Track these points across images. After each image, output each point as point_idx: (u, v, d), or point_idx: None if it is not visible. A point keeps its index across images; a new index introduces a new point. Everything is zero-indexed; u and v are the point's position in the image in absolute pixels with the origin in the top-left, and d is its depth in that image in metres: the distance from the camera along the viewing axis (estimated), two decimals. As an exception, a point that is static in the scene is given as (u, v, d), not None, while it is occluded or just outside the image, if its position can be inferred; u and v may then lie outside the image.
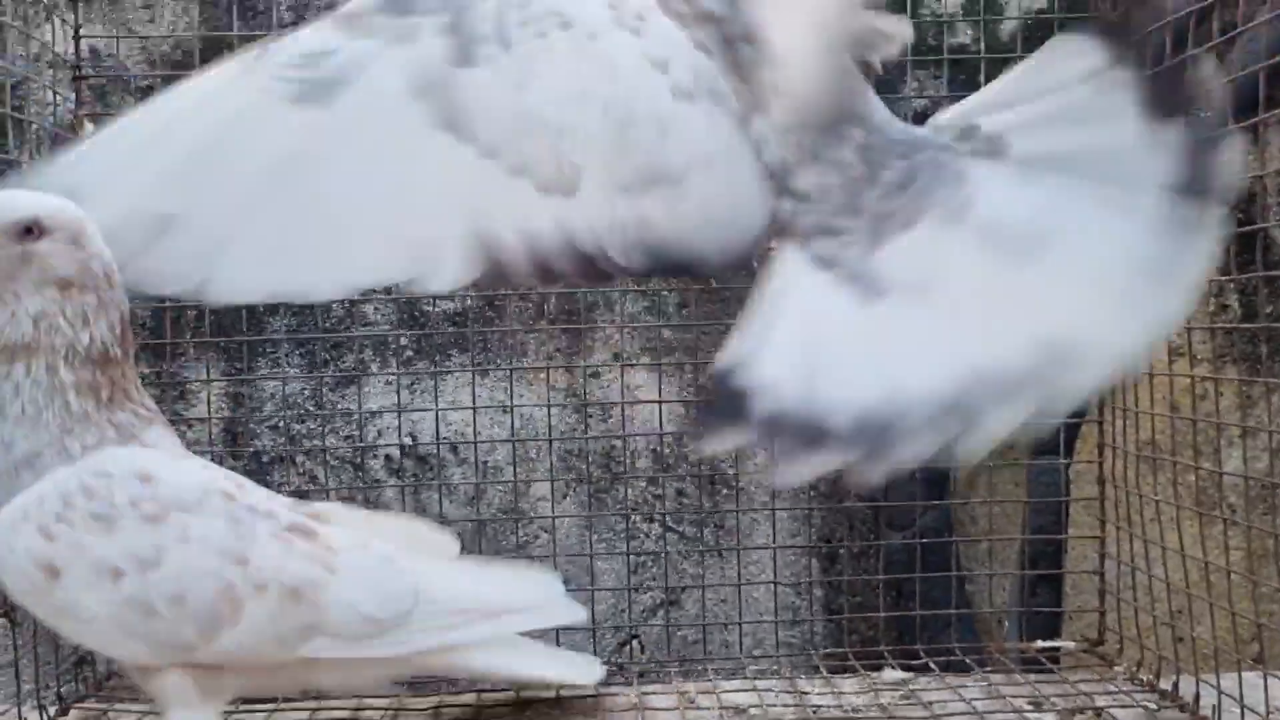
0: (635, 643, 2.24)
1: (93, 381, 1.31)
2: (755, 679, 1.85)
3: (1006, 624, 2.17)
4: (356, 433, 2.29)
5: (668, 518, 2.31)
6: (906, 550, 2.09)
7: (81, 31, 2.05)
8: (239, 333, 2.19)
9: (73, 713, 1.76)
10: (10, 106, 2.03)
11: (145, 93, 2.26)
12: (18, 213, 1.27)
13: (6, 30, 2.13)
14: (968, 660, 1.89)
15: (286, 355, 2.29)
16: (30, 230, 1.27)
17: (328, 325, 2.28)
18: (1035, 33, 2.28)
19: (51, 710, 1.71)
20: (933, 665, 1.86)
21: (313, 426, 2.28)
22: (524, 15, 1.36)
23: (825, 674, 1.89)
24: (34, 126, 2.07)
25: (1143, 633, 1.81)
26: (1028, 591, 2.14)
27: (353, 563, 1.42)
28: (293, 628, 1.36)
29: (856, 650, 1.95)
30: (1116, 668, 1.87)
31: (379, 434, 2.28)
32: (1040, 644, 1.96)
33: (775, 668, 1.97)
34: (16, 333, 1.28)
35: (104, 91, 2.28)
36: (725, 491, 2.30)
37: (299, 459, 2.24)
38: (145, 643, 1.29)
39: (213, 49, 2.22)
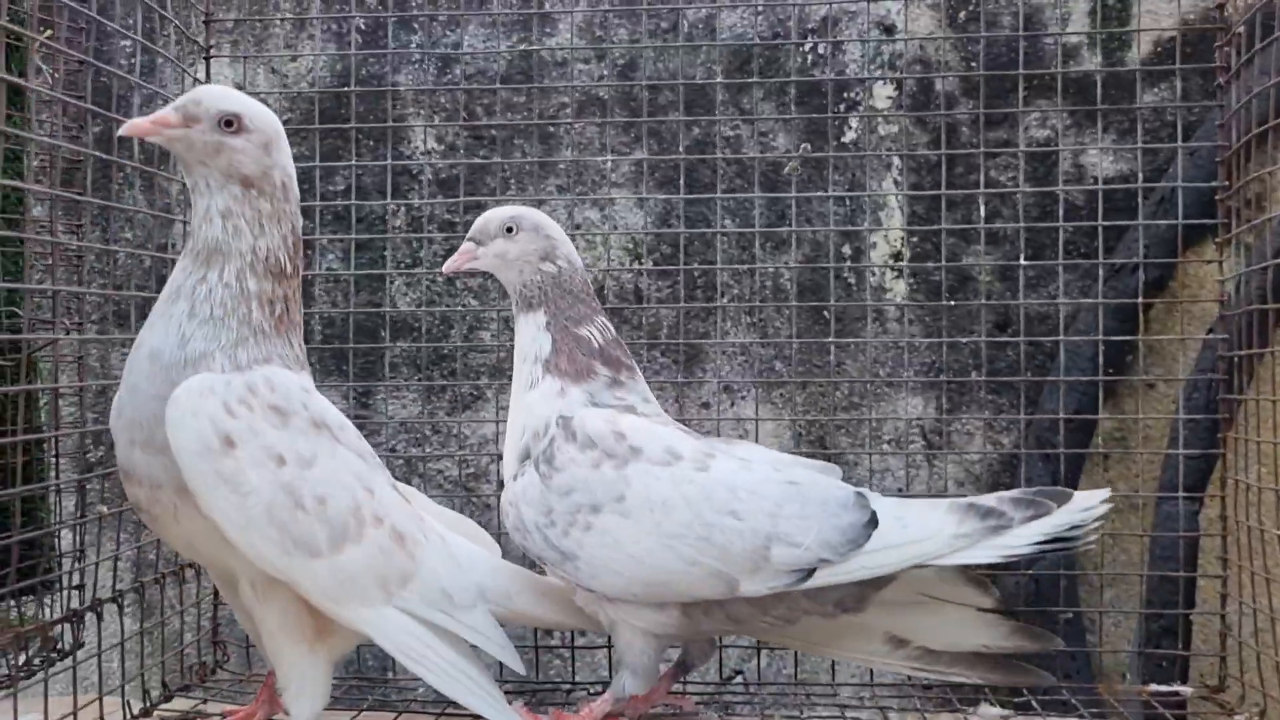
0: (740, 677, 2.21)
1: (271, 295, 1.43)
2: (844, 710, 1.81)
3: (1128, 668, 2.07)
4: (470, 457, 2.34)
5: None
6: (1020, 585, 2.02)
7: (214, 67, 2.18)
8: (360, 356, 2.27)
9: (175, 700, 1.83)
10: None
11: (286, 124, 2.37)
12: (224, 104, 1.40)
13: (160, 69, 2.26)
14: (1074, 701, 1.80)
15: (405, 381, 2.35)
16: (230, 123, 1.39)
17: (444, 352, 2.34)
18: (1161, 60, 2.23)
19: (154, 696, 1.78)
20: (1035, 704, 1.78)
21: (428, 450, 2.34)
22: None
23: (919, 708, 1.83)
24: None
25: (1266, 680, 1.71)
26: (1152, 633, 2.04)
27: (435, 539, 1.54)
28: (394, 570, 1.44)
29: (956, 685, 1.88)
30: (1237, 716, 1.76)
31: (491, 461, 2.32)
32: (1154, 688, 1.86)
33: (871, 699, 1.91)
34: (210, 232, 1.40)
35: (245, 126, 2.39)
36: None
37: (414, 481, 2.29)
38: (282, 536, 1.36)
39: (345, 83, 2.34)
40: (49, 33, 1.88)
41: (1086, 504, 1.50)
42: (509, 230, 1.69)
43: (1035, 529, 1.48)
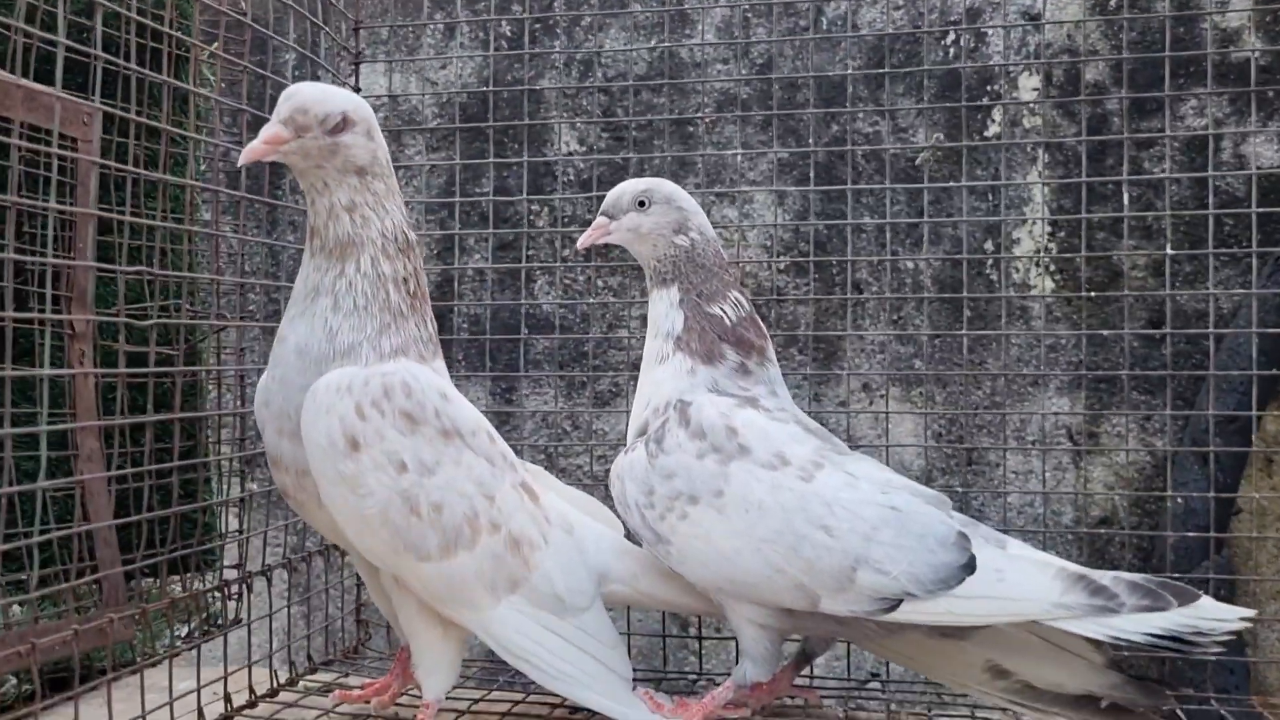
0: (875, 680, 2.17)
1: (404, 273, 1.48)
2: (975, 710, 1.76)
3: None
4: (609, 452, 2.37)
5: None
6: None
7: (365, 76, 2.29)
8: (503, 352, 2.34)
9: (319, 673, 1.92)
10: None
11: (434, 133, 2.47)
12: (329, 106, 1.43)
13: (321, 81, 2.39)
14: (1224, 713, 1.71)
15: (548, 378, 2.41)
16: (338, 124, 1.42)
17: (584, 350, 2.38)
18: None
19: (300, 668, 1.88)
20: (1180, 713, 1.70)
21: (569, 445, 2.38)
22: None
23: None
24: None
25: None
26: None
27: (559, 541, 1.55)
28: (504, 576, 1.47)
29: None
30: None
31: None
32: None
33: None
34: (339, 228, 1.45)
35: (398, 133, 2.50)
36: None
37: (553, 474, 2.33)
38: (394, 538, 1.41)
39: (491, 88, 2.41)
40: (216, 45, 2.01)
41: (1216, 614, 1.37)
42: (641, 204, 1.68)
43: (1147, 621, 1.37)
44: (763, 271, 2.33)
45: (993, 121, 2.27)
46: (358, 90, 2.24)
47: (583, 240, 1.72)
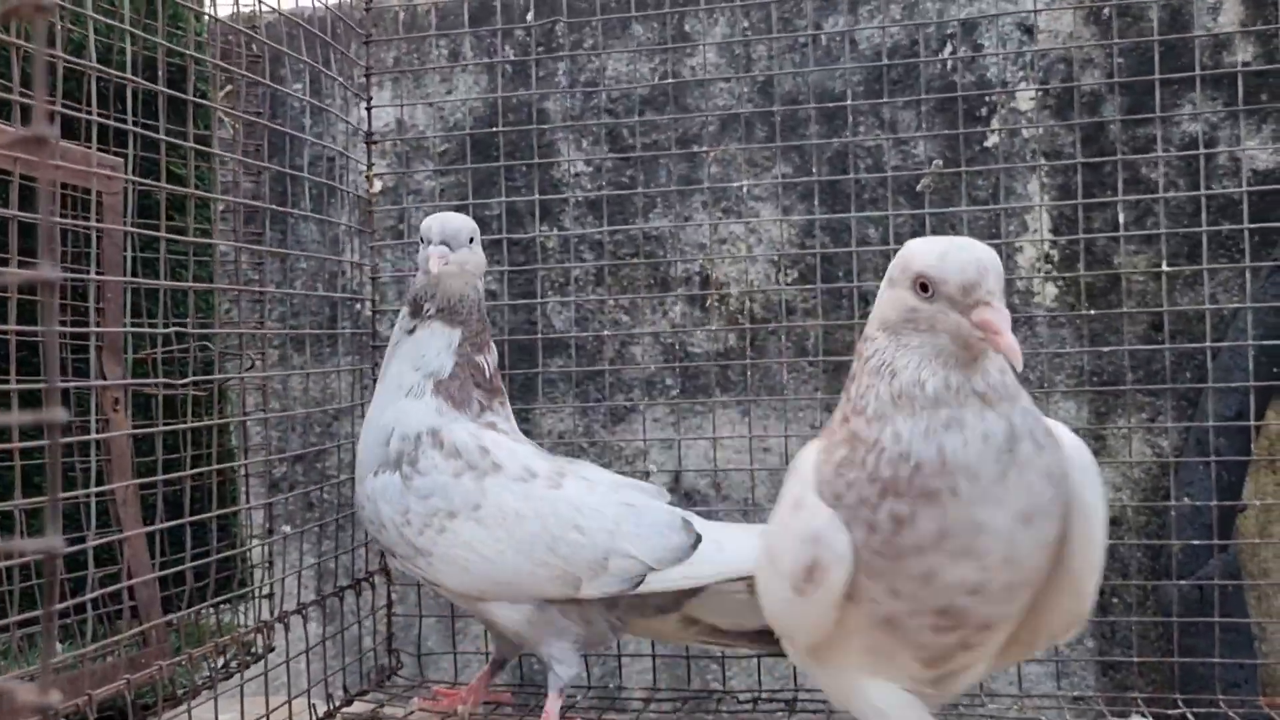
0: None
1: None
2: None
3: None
4: (627, 468, 2.42)
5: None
6: (1183, 594, 1.98)
7: (374, 103, 2.34)
8: (519, 374, 2.38)
9: (355, 704, 1.97)
10: (333, 176, 2.35)
11: (442, 156, 2.51)
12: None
13: (327, 111, 2.43)
14: (1232, 714, 1.77)
15: (563, 394, 2.45)
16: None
17: (598, 366, 2.43)
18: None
19: (337, 700, 1.93)
20: (1190, 716, 1.75)
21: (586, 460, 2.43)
22: None
23: (1069, 717, 1.83)
24: (350, 193, 2.38)
25: None
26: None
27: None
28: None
29: (1107, 695, 1.87)
30: None
31: (635, 475, 2.39)
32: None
33: (1019, 710, 1.92)
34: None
35: (407, 157, 2.54)
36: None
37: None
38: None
39: (497, 114, 2.45)
40: (229, 89, 2.05)
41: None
42: (471, 241, 1.82)
43: None
44: (770, 287, 2.37)
45: (992, 134, 2.31)
46: (370, 123, 2.29)
47: (433, 266, 1.76)
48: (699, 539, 1.72)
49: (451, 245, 1.77)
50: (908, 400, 1.18)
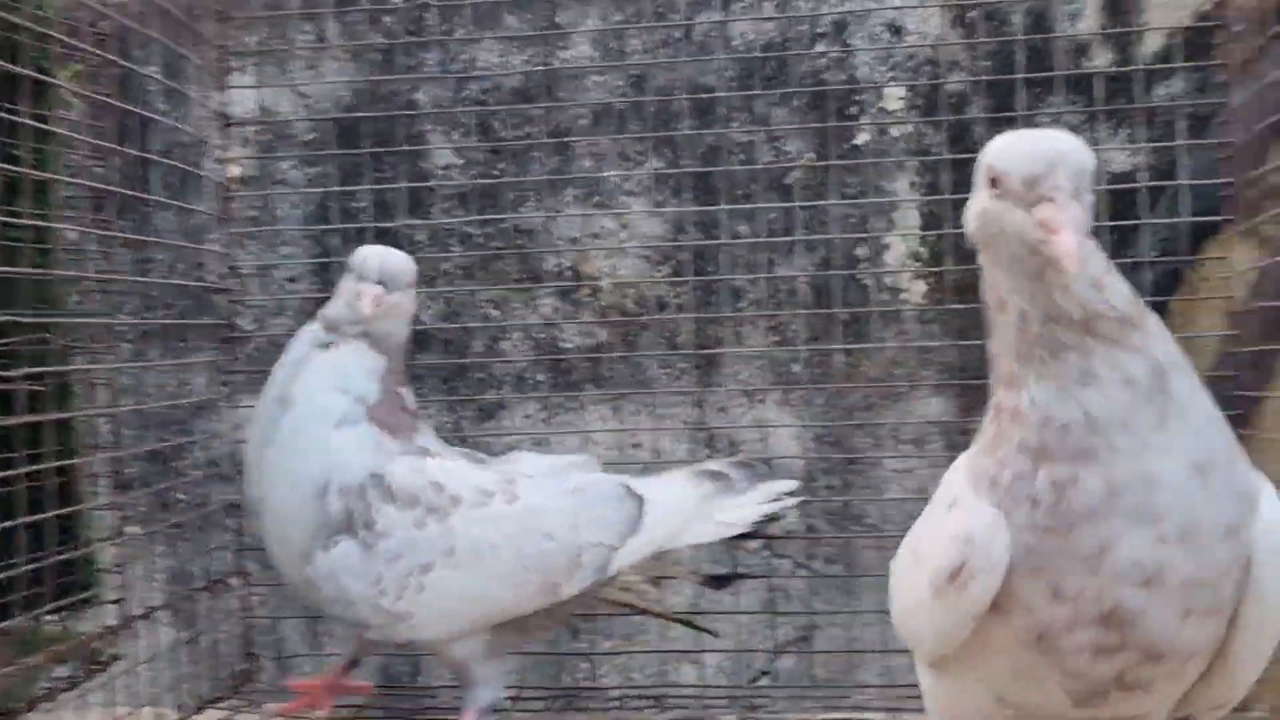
0: (765, 678, 2.23)
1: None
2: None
3: None
4: (497, 465, 2.37)
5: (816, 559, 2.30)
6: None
7: (235, 85, 2.26)
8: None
9: (207, 711, 1.90)
10: (192, 163, 2.26)
11: (308, 145, 2.43)
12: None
13: (188, 97, 2.34)
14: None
15: (431, 389, 2.39)
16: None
17: (467, 362, 2.37)
18: (1177, 52, 2.21)
19: (188, 708, 1.86)
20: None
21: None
22: None
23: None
24: (210, 180, 2.30)
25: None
26: None
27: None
28: None
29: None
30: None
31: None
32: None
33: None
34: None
35: (271, 145, 2.45)
36: (855, 528, 2.28)
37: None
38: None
39: (365, 102, 2.39)
40: (79, 69, 1.95)
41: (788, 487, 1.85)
42: (408, 284, 1.73)
43: (761, 492, 1.80)
44: (643, 282, 2.35)
45: (861, 131, 2.32)
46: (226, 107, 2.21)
47: (368, 310, 1.65)
48: (643, 501, 1.72)
49: (389, 286, 1.65)
50: (1021, 342, 1.04)
